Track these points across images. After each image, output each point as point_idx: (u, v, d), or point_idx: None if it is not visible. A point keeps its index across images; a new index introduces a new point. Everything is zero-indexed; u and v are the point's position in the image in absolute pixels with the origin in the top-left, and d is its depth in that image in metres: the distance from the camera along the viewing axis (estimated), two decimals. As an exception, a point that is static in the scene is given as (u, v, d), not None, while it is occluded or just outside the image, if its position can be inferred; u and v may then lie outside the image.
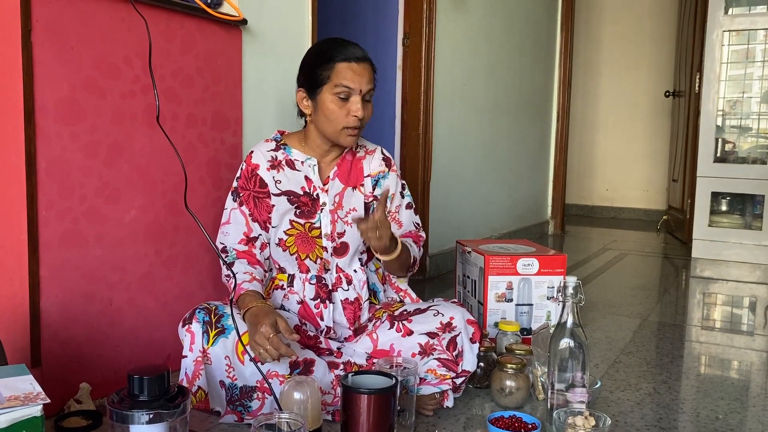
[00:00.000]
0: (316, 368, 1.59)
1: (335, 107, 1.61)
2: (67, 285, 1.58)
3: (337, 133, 1.64)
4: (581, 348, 1.51)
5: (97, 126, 1.61)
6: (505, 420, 1.50)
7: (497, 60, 3.93)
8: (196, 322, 1.55)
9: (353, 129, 1.63)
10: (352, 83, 1.60)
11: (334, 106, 1.61)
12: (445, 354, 1.61)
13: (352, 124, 1.62)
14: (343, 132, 1.63)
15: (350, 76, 1.60)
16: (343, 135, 1.63)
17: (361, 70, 1.62)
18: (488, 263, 2.10)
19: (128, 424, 1.11)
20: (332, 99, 1.61)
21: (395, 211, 1.82)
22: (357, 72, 1.61)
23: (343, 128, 1.62)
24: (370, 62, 1.66)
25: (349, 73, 1.60)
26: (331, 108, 1.61)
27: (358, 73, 1.61)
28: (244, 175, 1.71)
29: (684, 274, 3.65)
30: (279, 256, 1.73)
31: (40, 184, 1.50)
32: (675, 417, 1.67)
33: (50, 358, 1.55)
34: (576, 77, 5.89)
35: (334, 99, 1.61)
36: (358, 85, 1.60)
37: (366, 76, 1.62)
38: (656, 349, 2.24)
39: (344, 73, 1.60)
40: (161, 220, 1.79)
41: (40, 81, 1.48)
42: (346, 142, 1.66)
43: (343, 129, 1.62)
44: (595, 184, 6.20)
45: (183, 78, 1.82)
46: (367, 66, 1.64)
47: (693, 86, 4.39)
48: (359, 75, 1.61)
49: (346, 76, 1.60)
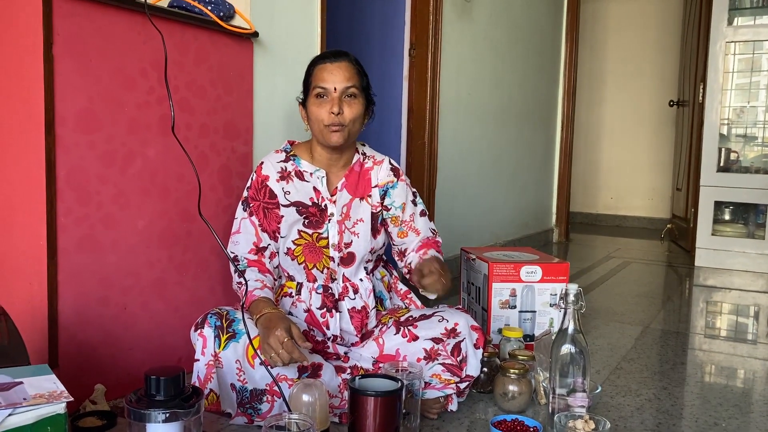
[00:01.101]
0: (323, 372, 1.64)
1: (315, 108, 1.68)
2: (84, 289, 1.63)
3: (322, 134, 1.70)
4: (582, 354, 1.55)
5: (113, 135, 1.66)
6: (508, 423, 1.54)
7: (502, 69, 3.98)
8: (208, 327, 1.60)
9: (335, 126, 1.67)
10: (325, 82, 1.66)
11: (314, 107, 1.69)
12: (449, 359, 1.66)
13: (328, 121, 1.66)
14: (326, 130, 1.68)
15: (324, 75, 1.67)
16: (327, 133, 1.68)
17: (335, 68, 1.67)
18: (492, 270, 2.14)
19: (145, 422, 1.16)
20: (314, 101, 1.69)
21: (410, 219, 1.86)
22: (330, 71, 1.67)
23: (325, 126, 1.67)
24: (350, 60, 1.71)
25: (323, 73, 1.67)
26: (312, 110, 1.69)
27: (331, 72, 1.67)
28: (254, 185, 1.76)
29: (687, 283, 3.68)
30: (288, 264, 1.77)
31: (60, 191, 1.55)
32: (674, 422, 1.70)
33: (67, 360, 1.60)
34: (581, 86, 5.93)
35: (315, 101, 1.68)
36: (332, 83, 1.66)
37: (341, 74, 1.67)
38: (657, 356, 2.28)
39: (319, 75, 1.68)
40: (174, 227, 1.84)
41: (60, 92, 1.54)
42: (332, 141, 1.69)
43: (325, 127, 1.68)
44: (599, 193, 6.23)
45: (196, 89, 1.87)
46: (343, 64, 1.69)
47: (697, 96, 4.43)
48: (333, 74, 1.67)
49: (320, 77, 1.67)
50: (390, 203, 1.83)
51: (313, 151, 1.77)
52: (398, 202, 1.84)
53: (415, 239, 1.85)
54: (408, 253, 1.87)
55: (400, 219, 1.84)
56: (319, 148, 1.75)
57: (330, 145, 1.71)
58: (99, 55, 1.61)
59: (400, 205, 1.84)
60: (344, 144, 1.71)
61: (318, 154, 1.76)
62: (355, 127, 1.71)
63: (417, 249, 1.85)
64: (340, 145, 1.70)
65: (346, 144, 1.73)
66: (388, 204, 1.83)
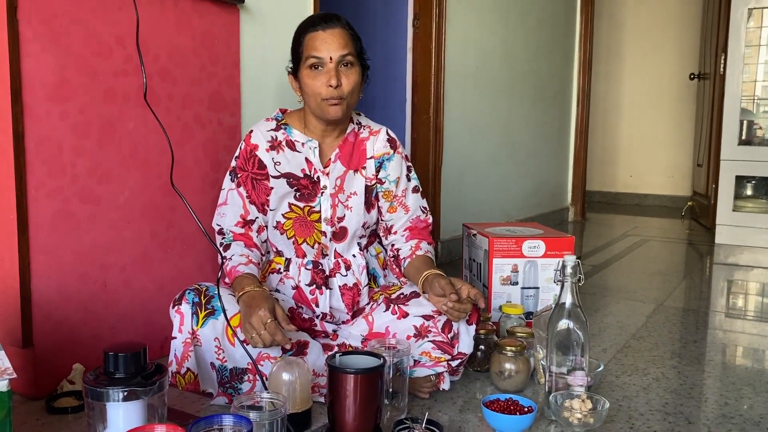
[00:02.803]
0: (310, 350, 1.56)
1: (310, 80, 1.55)
2: (60, 266, 1.57)
3: (319, 107, 1.58)
4: (581, 329, 1.46)
5: (88, 105, 1.59)
6: (501, 403, 1.45)
7: (513, 43, 3.85)
8: (186, 303, 1.53)
9: (333, 99, 1.55)
10: (319, 52, 1.53)
11: (308, 79, 1.56)
12: (440, 336, 1.57)
13: (327, 95, 1.54)
14: (323, 104, 1.56)
15: (317, 44, 1.54)
16: (325, 106, 1.57)
17: (329, 37, 1.54)
18: (493, 245, 2.05)
19: (103, 401, 1.10)
20: (307, 73, 1.56)
21: (401, 195, 1.76)
22: (323, 39, 1.54)
23: (322, 100, 1.56)
24: (342, 25, 1.57)
25: (316, 42, 1.54)
26: (307, 82, 1.56)
27: (325, 40, 1.54)
28: (243, 155, 1.67)
29: (705, 260, 3.55)
30: (276, 239, 1.70)
31: (29, 163, 1.49)
32: (681, 402, 1.60)
33: (42, 339, 1.55)
34: (598, 61, 5.77)
35: (309, 73, 1.55)
36: (327, 52, 1.53)
37: (335, 42, 1.54)
38: (669, 334, 2.17)
39: (311, 43, 1.54)
40: (157, 201, 1.77)
41: (27, 59, 1.47)
42: (330, 114, 1.58)
43: (322, 101, 1.56)
44: (618, 171, 6.07)
45: (178, 58, 1.79)
46: (336, 31, 1.55)
47: (718, 67, 4.26)
48: (326, 42, 1.53)
49: (312, 45, 1.54)
50: (385, 176, 1.73)
51: (306, 121, 1.67)
52: (393, 175, 1.74)
53: (403, 217, 1.75)
54: (394, 232, 1.76)
55: (393, 193, 1.74)
56: (314, 119, 1.65)
57: (329, 119, 1.61)
58: (69, 21, 1.54)
59: (394, 179, 1.74)
60: (343, 117, 1.62)
61: (312, 125, 1.66)
62: (354, 98, 1.61)
63: (406, 236, 1.74)
64: (339, 118, 1.60)
65: (345, 116, 1.63)
66: (383, 177, 1.73)
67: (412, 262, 1.69)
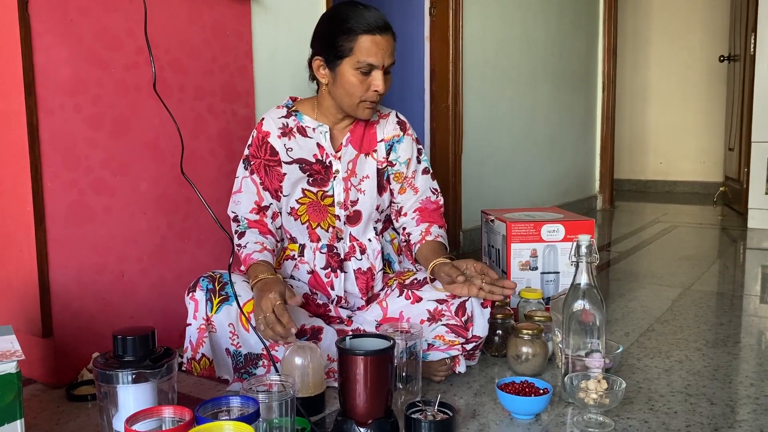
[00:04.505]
0: (324, 335, 1.56)
1: (356, 81, 1.54)
2: (77, 257, 1.60)
3: (354, 107, 1.59)
4: (597, 310, 1.43)
5: (100, 97, 1.61)
6: (516, 385, 1.43)
7: (534, 28, 3.80)
8: (200, 290, 1.54)
9: (372, 102, 1.58)
10: (376, 58, 1.52)
11: (354, 80, 1.54)
12: (453, 320, 1.56)
13: (372, 98, 1.56)
14: (361, 105, 1.57)
15: (374, 51, 1.52)
16: (361, 108, 1.58)
17: (385, 44, 1.53)
18: (510, 230, 2.02)
19: (113, 384, 1.11)
20: (353, 73, 1.54)
21: (411, 176, 1.75)
22: (380, 46, 1.52)
23: (361, 101, 1.57)
24: (392, 31, 1.57)
25: (373, 48, 1.52)
26: (352, 81, 1.54)
27: (381, 47, 1.52)
28: (255, 142, 1.68)
29: (736, 245, 3.46)
30: (290, 225, 1.70)
31: (44, 155, 1.51)
32: (704, 384, 1.56)
33: (62, 329, 1.58)
34: (624, 45, 5.67)
35: (356, 74, 1.54)
36: (381, 60, 1.53)
37: (389, 49, 1.54)
38: (695, 317, 2.12)
39: (368, 48, 1.51)
40: (172, 193, 1.79)
41: (40, 53, 1.49)
42: (363, 115, 1.60)
43: (361, 102, 1.57)
44: (648, 158, 5.96)
45: (190, 49, 1.81)
46: (389, 37, 1.55)
47: (748, 48, 4.15)
48: (382, 50, 1.52)
49: (370, 52, 1.51)
50: (395, 158, 1.73)
51: (320, 107, 1.67)
52: (403, 157, 1.73)
53: (412, 197, 1.74)
54: (404, 214, 1.75)
55: (403, 175, 1.73)
56: (333, 109, 1.64)
57: (359, 119, 1.65)
58: (80, 14, 1.56)
59: (405, 160, 1.73)
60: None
61: (328, 112, 1.66)
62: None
63: (416, 219, 1.73)
64: (369, 119, 1.65)
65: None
66: (393, 159, 1.73)
67: (421, 249, 1.68)
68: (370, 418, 1.26)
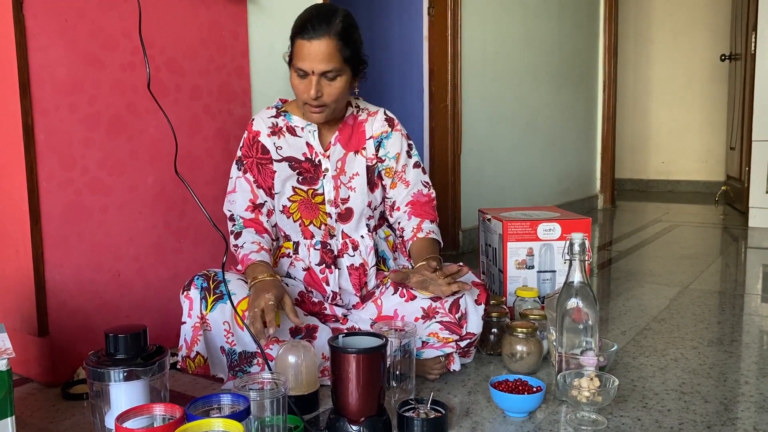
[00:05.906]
0: (319, 334, 1.57)
1: (297, 83, 1.56)
2: (73, 256, 1.60)
3: (303, 108, 1.61)
4: (589, 308, 1.43)
5: (96, 98, 1.62)
6: (509, 383, 1.43)
7: (533, 28, 3.80)
8: (195, 289, 1.55)
9: (314, 107, 1.57)
10: (303, 63, 1.53)
11: (296, 81, 1.57)
12: (447, 317, 1.56)
13: (310, 102, 1.56)
14: (306, 108, 1.59)
15: (302, 56, 1.52)
16: (307, 111, 1.60)
17: (314, 49, 1.51)
18: (507, 229, 2.02)
19: (104, 382, 1.11)
20: (295, 77, 1.57)
21: (401, 170, 1.76)
22: (308, 51, 1.51)
23: (305, 104, 1.58)
24: (331, 35, 1.51)
25: (303, 53, 1.52)
26: (295, 84, 1.57)
27: (311, 52, 1.51)
28: (246, 142, 1.70)
29: (737, 245, 3.45)
30: (284, 223, 1.71)
31: (39, 155, 1.52)
32: (699, 382, 1.56)
33: (58, 328, 1.58)
34: (625, 44, 5.66)
35: (294, 75, 1.56)
36: (310, 66, 1.52)
37: (319, 56, 1.51)
38: (692, 316, 2.11)
39: (299, 53, 1.53)
40: (169, 192, 1.80)
41: (35, 53, 1.50)
42: (312, 119, 1.62)
43: (305, 105, 1.58)
44: (649, 158, 5.95)
45: (186, 49, 1.81)
46: (323, 42, 1.50)
47: (749, 47, 4.14)
48: (310, 55, 1.51)
49: (300, 57, 1.53)
50: (384, 154, 1.74)
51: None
52: (392, 152, 1.74)
53: (404, 191, 1.74)
54: (397, 209, 1.75)
55: (393, 170, 1.74)
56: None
57: (312, 122, 1.65)
58: (75, 14, 1.57)
59: (394, 155, 1.74)
60: (327, 119, 1.64)
61: None
62: (339, 103, 1.62)
63: (408, 213, 1.73)
64: (321, 122, 1.64)
65: (331, 117, 1.65)
66: (383, 155, 1.74)
67: (413, 247, 1.69)
68: (363, 416, 1.27)
